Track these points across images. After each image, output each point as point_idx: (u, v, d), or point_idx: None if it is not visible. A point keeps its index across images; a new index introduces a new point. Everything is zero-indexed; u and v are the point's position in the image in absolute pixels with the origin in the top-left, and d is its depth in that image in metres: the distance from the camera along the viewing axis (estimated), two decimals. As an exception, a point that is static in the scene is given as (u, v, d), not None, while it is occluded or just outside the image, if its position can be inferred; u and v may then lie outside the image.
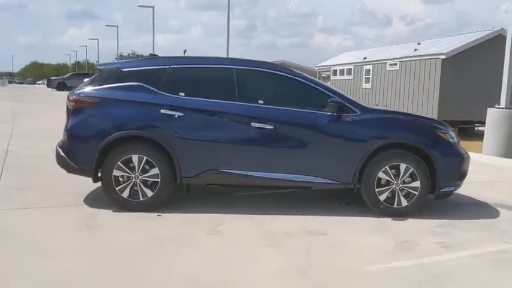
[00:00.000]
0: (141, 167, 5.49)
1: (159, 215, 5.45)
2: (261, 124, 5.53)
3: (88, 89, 5.71)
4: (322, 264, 4.20)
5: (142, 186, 5.52)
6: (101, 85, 5.69)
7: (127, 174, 5.50)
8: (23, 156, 8.81)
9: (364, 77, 26.44)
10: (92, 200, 5.92)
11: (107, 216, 5.37)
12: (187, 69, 5.87)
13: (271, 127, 5.53)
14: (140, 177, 5.51)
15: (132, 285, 3.70)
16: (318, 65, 31.91)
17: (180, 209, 5.67)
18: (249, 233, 5.03)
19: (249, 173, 5.59)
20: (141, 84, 5.64)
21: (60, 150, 5.72)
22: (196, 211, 5.63)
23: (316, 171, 5.63)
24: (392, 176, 5.63)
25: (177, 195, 5.99)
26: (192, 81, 5.78)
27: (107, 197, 5.60)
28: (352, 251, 4.56)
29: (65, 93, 7.65)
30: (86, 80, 6.94)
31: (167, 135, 5.49)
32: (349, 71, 28.11)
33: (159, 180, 5.50)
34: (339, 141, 5.63)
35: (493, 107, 11.20)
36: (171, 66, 5.74)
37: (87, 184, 5.94)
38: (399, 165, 5.61)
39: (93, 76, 6.02)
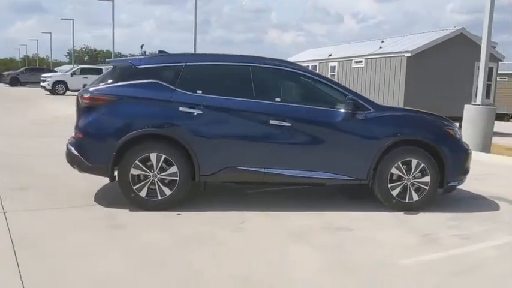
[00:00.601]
0: (159, 166, 5.43)
1: (179, 214, 5.41)
2: (279, 122, 5.58)
3: (102, 86, 5.58)
4: (358, 260, 4.30)
5: (160, 184, 5.46)
6: (116, 82, 5.58)
7: (145, 173, 5.43)
8: (10, 155, 8.48)
9: (329, 73, 26.81)
10: (104, 200, 5.81)
11: (126, 216, 5.28)
12: (203, 67, 5.84)
13: (288, 124, 5.59)
14: (158, 175, 5.44)
15: (184, 285, 3.68)
16: (283, 61, 32.16)
17: (198, 207, 5.64)
18: (274, 230, 5.07)
19: (267, 170, 5.63)
20: (157, 81, 5.57)
21: (72, 148, 5.57)
22: (215, 209, 5.63)
23: (332, 168, 5.74)
24: (404, 171, 5.81)
25: (194, 193, 5.95)
26: (209, 78, 5.77)
27: (124, 197, 5.51)
28: (381, 246, 4.69)
29: (21, 89, 7.39)
30: (47, 74, 6.72)
31: (186, 133, 5.45)
32: (314, 68, 28.44)
33: (177, 178, 5.46)
34: (354, 138, 5.75)
35: (469, 103, 11.67)
36: (187, 64, 5.70)
37: (83, 183, 6.04)
38: (411, 161, 5.80)
39: (106, 73, 5.88)
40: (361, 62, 23.93)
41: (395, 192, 5.82)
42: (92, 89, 5.57)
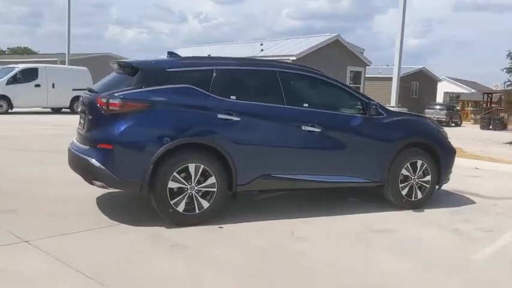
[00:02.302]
0: (197, 177, 5.05)
1: (221, 227, 5.11)
2: (311, 127, 5.58)
3: (131, 91, 4.98)
4: (432, 258, 4.53)
5: (198, 197, 5.08)
6: (144, 86, 5.03)
7: (182, 186, 5.01)
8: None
9: (208, 74, 26.71)
10: (120, 217, 5.21)
11: (172, 233, 4.83)
12: (234, 71, 5.57)
13: (318, 130, 5.62)
14: (196, 187, 5.06)
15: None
16: (153, 61, 31.26)
17: (226, 219, 5.34)
18: (332, 235, 5.08)
19: (297, 177, 5.60)
20: (190, 86, 5.17)
21: (93, 160, 4.88)
22: (248, 219, 5.39)
23: (356, 172, 5.92)
24: (411, 172, 6.22)
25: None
26: (240, 83, 5.54)
27: (160, 213, 5.01)
28: (436, 244, 5.00)
29: None
30: None
31: (225, 141, 5.16)
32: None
33: (215, 189, 5.14)
34: (374, 142, 6.00)
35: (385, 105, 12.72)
36: (217, 68, 5.38)
37: (66, 196, 5.82)
38: (416, 162, 6.24)
39: (123, 76, 5.25)
40: (243, 63, 24.27)
41: (404, 192, 6.21)
42: (118, 93, 4.93)
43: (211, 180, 5.11)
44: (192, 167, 5.02)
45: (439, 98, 44.06)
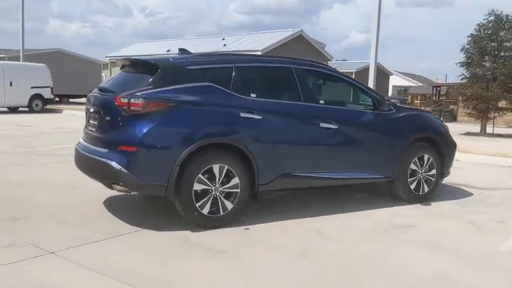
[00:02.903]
0: (221, 178, 4.89)
1: (247, 228, 4.98)
2: (328, 124, 5.54)
3: (153, 90, 4.73)
4: (465, 252, 4.60)
5: (223, 198, 4.93)
6: (168, 85, 4.80)
7: (207, 187, 4.84)
8: None
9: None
10: (143, 223, 4.97)
11: (201, 237, 4.66)
12: (252, 68, 5.43)
13: (335, 127, 5.59)
14: (220, 189, 4.91)
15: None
16: (109, 55, 30.47)
17: (254, 219, 5.23)
18: (357, 233, 5.05)
19: (317, 175, 5.55)
20: (212, 84, 5.00)
21: (115, 164, 4.62)
22: (272, 219, 5.30)
23: (371, 168, 5.93)
24: (419, 166, 6.30)
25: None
26: (258, 81, 5.42)
27: (185, 216, 4.83)
28: (461, 237, 5.07)
29: None
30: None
31: (248, 140, 5.02)
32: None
33: (238, 190, 5.00)
34: (388, 137, 6.04)
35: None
36: (236, 65, 5.22)
37: (64, 202, 5.59)
38: (423, 156, 6.32)
39: (155, 76, 4.87)
40: (205, 59, 23.96)
41: (412, 186, 6.29)
42: (140, 93, 4.68)
43: (235, 180, 4.96)
44: (216, 168, 4.86)
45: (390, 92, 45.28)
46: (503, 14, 22.83)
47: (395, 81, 49.73)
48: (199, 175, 4.77)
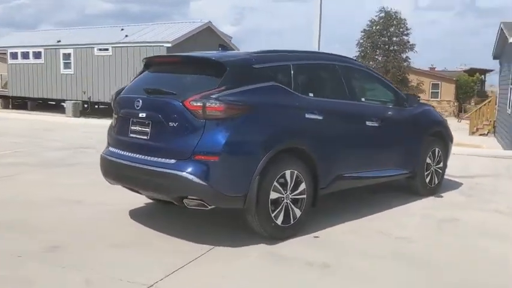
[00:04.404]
0: (292, 184, 4.57)
1: (317, 237, 4.72)
2: (372, 122, 5.47)
3: (226, 91, 4.21)
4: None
5: (293, 206, 4.61)
6: (238, 86, 4.33)
7: (280, 196, 4.49)
8: None
9: (62, 61, 24.46)
10: (208, 239, 4.47)
11: (287, 250, 4.31)
12: (306, 66, 5.12)
13: (377, 125, 5.52)
14: (290, 196, 4.58)
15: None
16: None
17: (314, 225, 4.94)
18: (416, 231, 5.05)
19: (361, 175, 5.45)
20: (278, 84, 4.64)
21: (190, 176, 4.07)
22: (332, 223, 5.07)
23: (401, 164, 5.96)
24: (432, 159, 6.49)
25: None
26: (313, 79, 5.15)
27: (261, 228, 4.42)
28: (502, 224, 5.33)
29: None
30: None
31: (313, 142, 4.74)
32: (37, 55, 25.41)
33: (305, 196, 4.71)
34: (412, 133, 6.11)
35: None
36: (293, 63, 4.89)
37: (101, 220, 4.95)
38: (435, 149, 6.52)
39: (225, 76, 4.33)
40: (107, 49, 22.71)
41: (427, 180, 6.46)
42: (216, 95, 4.14)
43: (302, 186, 4.66)
44: (288, 174, 4.52)
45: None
46: (393, 11, 24.60)
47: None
48: (275, 183, 4.40)
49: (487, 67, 40.86)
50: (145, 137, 4.43)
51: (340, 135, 5.12)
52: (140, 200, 5.54)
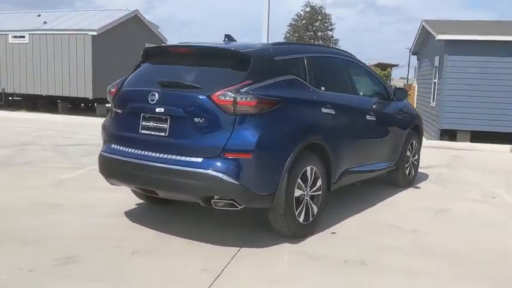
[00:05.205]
0: (311, 181, 4.46)
1: (334, 233, 4.65)
2: (371, 117, 5.51)
3: (254, 85, 3.97)
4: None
5: (311, 203, 4.50)
6: (264, 80, 4.10)
7: (302, 193, 4.36)
8: None
9: (-30, 48, 22.23)
10: (225, 240, 4.24)
11: (312, 248, 4.20)
12: (316, 59, 4.97)
13: (374, 119, 5.56)
14: (309, 193, 4.47)
15: None
16: None
17: (325, 222, 4.86)
18: (419, 223, 5.13)
19: (362, 169, 5.47)
20: (296, 78, 4.48)
21: (220, 175, 3.81)
22: (342, 218, 5.05)
23: (389, 157, 6.06)
24: (411, 152, 6.68)
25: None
26: (324, 73, 5.02)
27: (286, 227, 4.26)
28: (498, 216, 5.57)
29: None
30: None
31: (328, 137, 4.65)
32: None
33: (320, 192, 4.62)
34: (398, 126, 6.24)
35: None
36: (306, 55, 4.75)
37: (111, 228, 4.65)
38: (413, 142, 6.72)
39: (250, 68, 4.07)
40: (23, 37, 21.01)
41: (407, 172, 6.64)
42: (245, 89, 3.89)
43: (319, 182, 4.57)
44: (308, 170, 4.40)
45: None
46: (317, 6, 25.22)
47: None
48: (298, 179, 4.26)
49: (390, 62, 43.54)
50: (162, 134, 4.07)
51: (347, 130, 5.08)
52: (126, 201, 5.22)
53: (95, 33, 19.39)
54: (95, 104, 19.08)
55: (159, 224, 4.60)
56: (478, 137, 12.80)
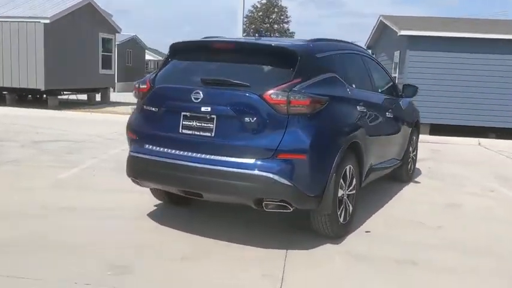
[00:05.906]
0: (349, 180, 4.42)
1: (368, 232, 4.64)
2: (390, 114, 5.55)
3: (304, 83, 3.85)
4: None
5: (348, 202, 4.46)
6: (310, 78, 3.99)
7: (342, 193, 4.31)
8: None
9: None
10: (266, 243, 4.13)
11: (360, 249, 4.14)
12: (346, 56, 4.93)
13: (391, 116, 5.61)
14: (347, 192, 4.43)
15: None
16: None
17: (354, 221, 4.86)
18: (439, 219, 5.22)
19: (381, 165, 5.49)
20: (336, 75, 4.40)
21: (274, 176, 3.67)
22: (367, 216, 5.04)
23: (398, 153, 6.12)
24: (412, 147, 6.79)
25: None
26: (352, 70, 4.99)
27: (328, 228, 4.19)
28: (505, 208, 5.79)
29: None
30: None
31: (362, 136, 4.61)
32: None
33: (355, 191, 4.59)
34: (407, 122, 6.32)
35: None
36: (338, 52, 4.70)
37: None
38: (413, 138, 6.83)
39: (298, 66, 3.94)
40: (-29, 24, 19.58)
41: (408, 166, 6.75)
42: (297, 87, 3.76)
43: (354, 181, 4.53)
44: (347, 170, 4.35)
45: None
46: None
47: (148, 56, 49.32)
48: (341, 179, 4.21)
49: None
50: (208, 134, 3.87)
51: (374, 127, 5.06)
52: (142, 201, 5.01)
53: (47, 21, 18.41)
54: (44, 96, 18.05)
55: (190, 226, 4.41)
56: (436, 129, 13.22)
